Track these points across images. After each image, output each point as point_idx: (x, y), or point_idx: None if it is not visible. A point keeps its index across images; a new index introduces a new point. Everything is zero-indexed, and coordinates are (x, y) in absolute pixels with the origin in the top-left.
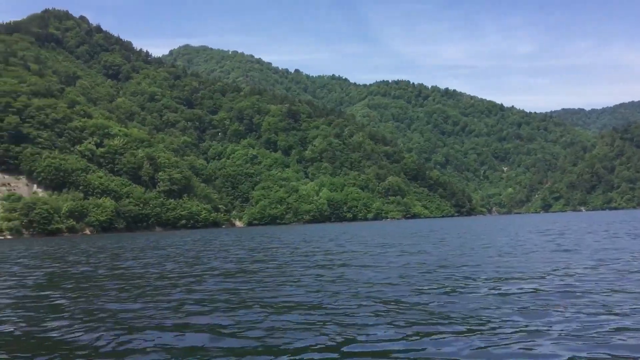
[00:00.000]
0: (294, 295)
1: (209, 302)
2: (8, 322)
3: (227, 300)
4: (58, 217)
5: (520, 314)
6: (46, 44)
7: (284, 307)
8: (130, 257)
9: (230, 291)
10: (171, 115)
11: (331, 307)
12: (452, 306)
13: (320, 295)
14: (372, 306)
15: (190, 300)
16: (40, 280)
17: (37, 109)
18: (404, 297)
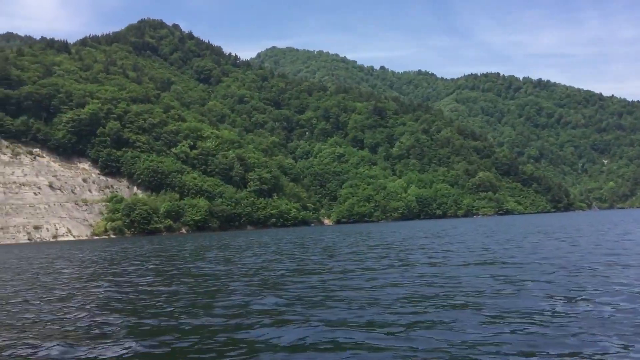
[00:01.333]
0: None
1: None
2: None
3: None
4: (156, 217)
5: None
6: (143, 52)
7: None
8: (286, 252)
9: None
10: (260, 116)
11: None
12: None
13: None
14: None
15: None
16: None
17: (136, 115)
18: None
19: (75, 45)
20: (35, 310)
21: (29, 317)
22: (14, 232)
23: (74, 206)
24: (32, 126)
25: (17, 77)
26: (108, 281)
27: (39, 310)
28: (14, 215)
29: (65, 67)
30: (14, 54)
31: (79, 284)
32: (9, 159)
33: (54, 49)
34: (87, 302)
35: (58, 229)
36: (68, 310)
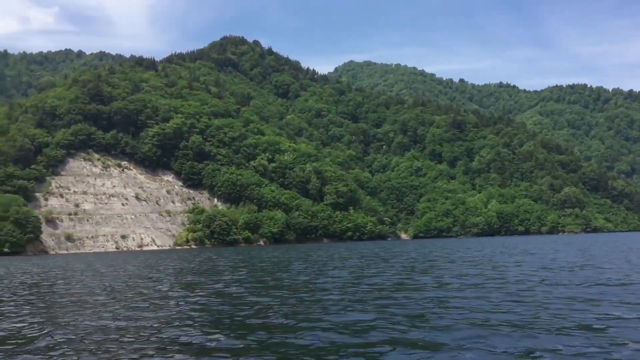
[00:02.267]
0: None
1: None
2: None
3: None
4: (235, 228)
5: None
6: (224, 68)
7: None
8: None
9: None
10: (337, 130)
11: None
12: None
13: None
14: None
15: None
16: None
17: (217, 129)
18: None
19: (161, 63)
20: (138, 319)
21: (139, 326)
22: (103, 241)
23: (158, 217)
24: (121, 140)
25: (109, 93)
26: (214, 292)
27: (140, 319)
28: (104, 225)
29: (152, 83)
30: (106, 72)
31: (182, 293)
32: (100, 171)
33: (142, 66)
34: (188, 312)
35: (143, 239)
36: (171, 320)
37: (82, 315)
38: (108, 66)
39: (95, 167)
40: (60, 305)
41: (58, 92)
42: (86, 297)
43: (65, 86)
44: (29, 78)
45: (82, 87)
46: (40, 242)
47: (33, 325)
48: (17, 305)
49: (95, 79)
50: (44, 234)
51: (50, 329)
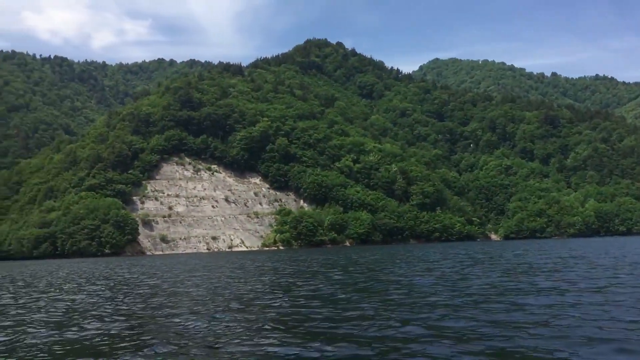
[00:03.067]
0: None
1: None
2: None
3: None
4: (321, 229)
5: None
6: (308, 71)
7: None
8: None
9: None
10: (422, 129)
11: None
12: None
13: None
14: None
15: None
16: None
17: (302, 131)
18: None
19: (247, 68)
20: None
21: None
22: (195, 242)
23: (246, 218)
24: (210, 144)
25: (198, 99)
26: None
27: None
28: (195, 227)
29: (239, 88)
30: (195, 79)
31: (284, 294)
32: (192, 175)
33: (230, 72)
34: (290, 314)
35: (233, 240)
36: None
37: (184, 316)
38: (197, 73)
39: (186, 170)
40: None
41: (152, 99)
42: (195, 296)
43: (158, 94)
44: (126, 87)
45: (174, 94)
46: (137, 243)
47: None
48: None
49: (186, 86)
50: (141, 236)
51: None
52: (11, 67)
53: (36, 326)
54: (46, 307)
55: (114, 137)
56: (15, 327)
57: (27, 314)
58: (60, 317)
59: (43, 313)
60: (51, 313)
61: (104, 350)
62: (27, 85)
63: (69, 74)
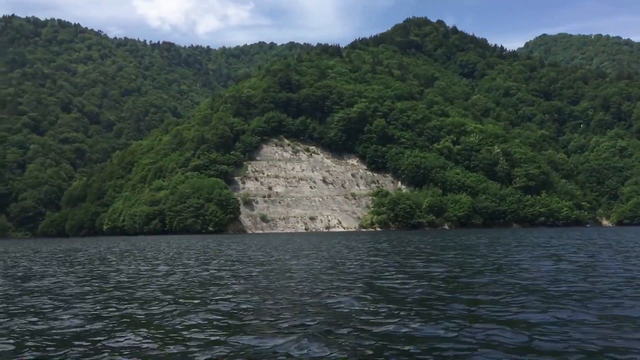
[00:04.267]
0: None
1: None
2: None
3: None
4: (419, 211)
5: None
6: (407, 51)
7: None
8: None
9: None
10: (527, 109)
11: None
12: None
13: None
14: None
15: None
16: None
17: (400, 111)
18: None
19: (346, 49)
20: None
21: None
22: (294, 222)
23: (344, 199)
24: (308, 125)
25: (297, 81)
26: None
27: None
28: (294, 207)
29: (337, 69)
30: (294, 61)
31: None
32: (290, 156)
33: (328, 53)
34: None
35: (330, 221)
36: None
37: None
38: (296, 55)
39: (285, 152)
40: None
41: (253, 82)
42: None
43: (259, 76)
44: (228, 70)
45: (274, 77)
46: (239, 222)
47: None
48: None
49: (285, 68)
50: (242, 215)
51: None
52: (124, 53)
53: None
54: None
55: (217, 119)
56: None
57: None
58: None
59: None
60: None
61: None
62: (138, 70)
63: (176, 59)
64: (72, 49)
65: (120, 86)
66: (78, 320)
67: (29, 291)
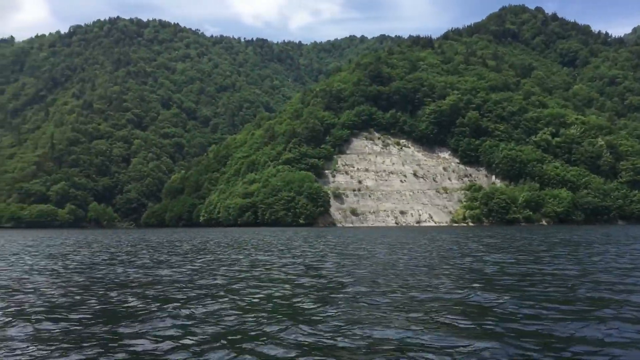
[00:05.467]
0: None
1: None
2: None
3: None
4: (515, 207)
5: None
6: (503, 40)
7: None
8: None
9: None
10: (634, 99)
11: None
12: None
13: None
14: None
15: None
16: None
17: (495, 103)
18: None
19: (437, 40)
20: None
21: None
22: (384, 216)
23: (435, 194)
24: (399, 119)
25: (388, 74)
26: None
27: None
28: (384, 201)
29: (428, 61)
30: (385, 54)
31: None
32: (380, 150)
33: (420, 45)
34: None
35: (421, 215)
36: None
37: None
38: (387, 48)
39: (376, 145)
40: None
41: (343, 76)
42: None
43: (349, 70)
44: (319, 65)
45: (364, 70)
46: (329, 215)
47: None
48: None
49: (376, 61)
50: (332, 208)
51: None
52: (220, 50)
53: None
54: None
55: (307, 113)
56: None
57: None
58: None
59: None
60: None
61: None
62: (233, 66)
63: (268, 55)
64: (171, 47)
65: (215, 82)
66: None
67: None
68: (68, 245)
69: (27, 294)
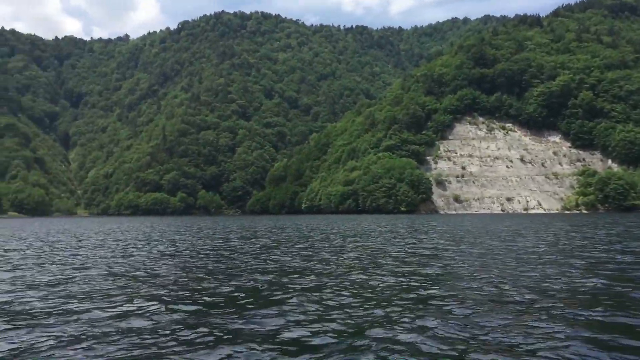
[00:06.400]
0: None
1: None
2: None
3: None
4: (634, 192)
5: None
6: (620, 14)
7: None
8: None
9: None
10: None
11: None
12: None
13: None
14: None
15: None
16: None
17: (611, 82)
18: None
19: (547, 18)
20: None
21: None
22: (489, 203)
23: (544, 179)
24: (504, 102)
25: (492, 55)
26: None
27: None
28: (489, 187)
29: (536, 41)
30: (489, 35)
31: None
32: (484, 134)
33: (526, 24)
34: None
35: (529, 202)
36: None
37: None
38: (491, 29)
39: (479, 130)
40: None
41: (444, 60)
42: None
43: (451, 54)
44: (420, 49)
45: (467, 53)
46: (431, 202)
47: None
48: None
49: (479, 43)
50: (434, 195)
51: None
52: (320, 39)
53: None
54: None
55: (408, 99)
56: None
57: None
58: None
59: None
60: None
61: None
62: (333, 54)
63: (368, 42)
64: (273, 38)
65: (316, 71)
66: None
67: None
68: (213, 229)
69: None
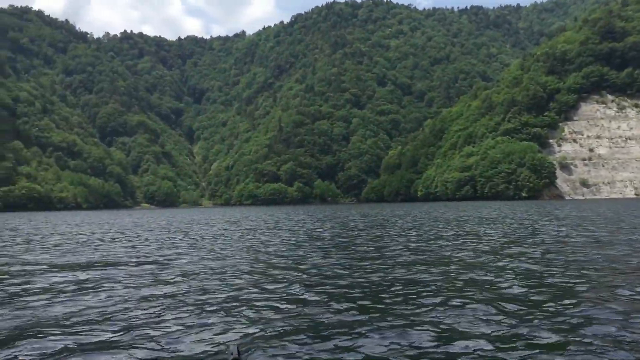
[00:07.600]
0: None
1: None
2: None
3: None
4: None
5: None
6: None
7: None
8: None
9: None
10: None
11: None
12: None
13: None
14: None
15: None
16: None
17: None
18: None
19: None
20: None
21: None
22: (621, 187)
23: None
24: (637, 77)
25: (622, 28)
26: None
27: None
28: (620, 170)
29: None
30: (618, 6)
31: None
32: (615, 113)
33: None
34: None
35: None
36: None
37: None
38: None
39: (609, 109)
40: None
41: (567, 36)
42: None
43: (575, 29)
44: (540, 27)
45: (592, 27)
46: (555, 187)
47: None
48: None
49: (607, 15)
50: (558, 180)
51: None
52: (432, 23)
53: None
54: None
55: (528, 79)
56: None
57: None
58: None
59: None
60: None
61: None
62: (447, 38)
63: (484, 22)
64: (384, 25)
65: (429, 56)
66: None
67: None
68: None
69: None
